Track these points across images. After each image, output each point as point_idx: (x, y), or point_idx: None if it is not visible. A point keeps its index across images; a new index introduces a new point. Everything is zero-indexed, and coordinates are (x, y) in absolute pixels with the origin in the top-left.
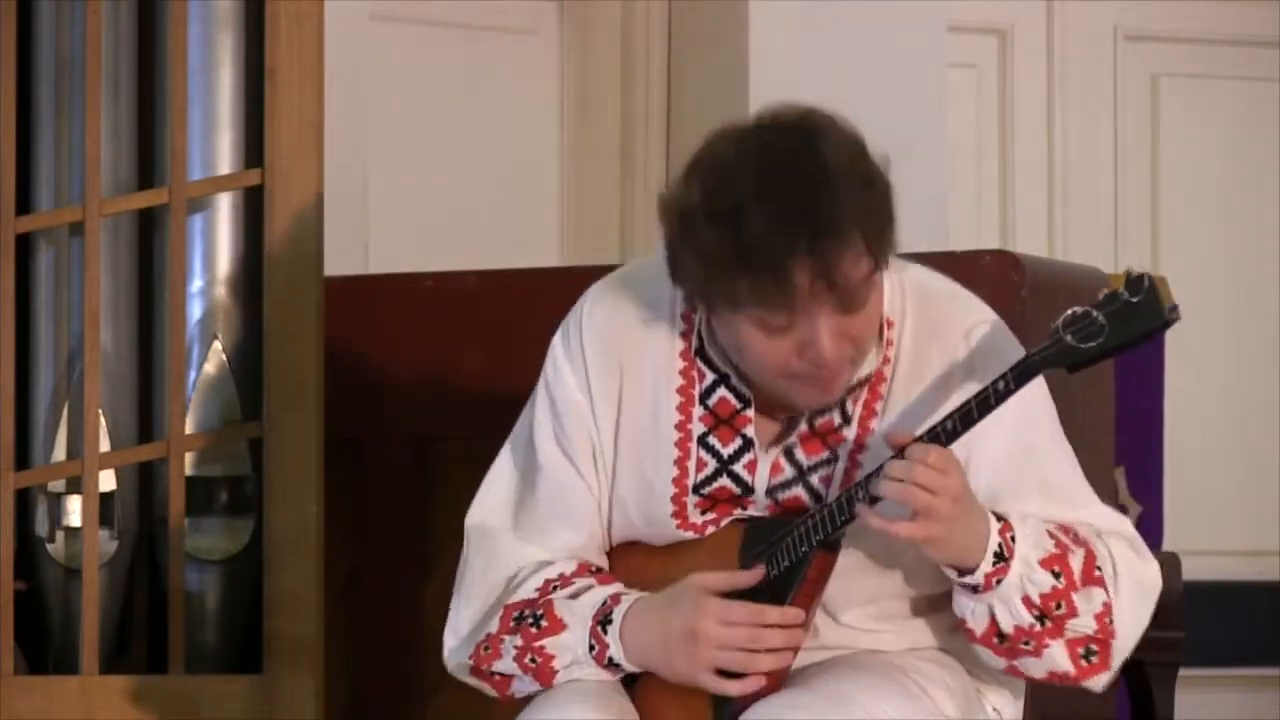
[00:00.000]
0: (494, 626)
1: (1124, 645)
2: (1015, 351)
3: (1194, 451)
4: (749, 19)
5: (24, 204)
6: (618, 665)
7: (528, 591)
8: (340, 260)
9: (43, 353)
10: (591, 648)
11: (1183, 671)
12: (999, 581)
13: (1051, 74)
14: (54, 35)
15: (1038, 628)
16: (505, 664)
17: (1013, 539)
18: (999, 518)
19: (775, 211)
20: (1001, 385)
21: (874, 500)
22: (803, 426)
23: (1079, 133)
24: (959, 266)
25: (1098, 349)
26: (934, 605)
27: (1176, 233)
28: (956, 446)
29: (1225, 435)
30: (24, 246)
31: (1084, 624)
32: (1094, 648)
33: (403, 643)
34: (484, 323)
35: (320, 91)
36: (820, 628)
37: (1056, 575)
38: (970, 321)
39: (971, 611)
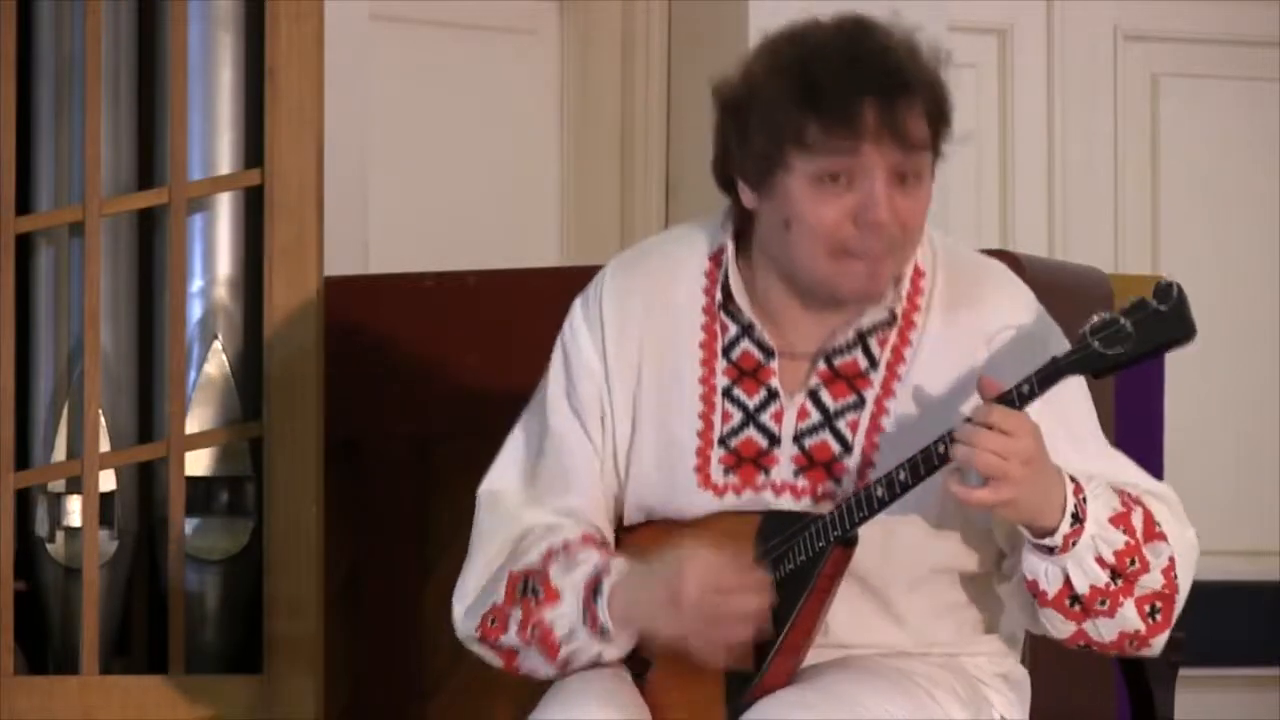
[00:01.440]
0: (500, 596)
1: (1181, 602)
2: (1049, 337)
3: (1194, 451)
4: (749, 19)
5: (24, 204)
6: (607, 631)
7: (531, 558)
8: (340, 260)
9: (43, 353)
10: (585, 616)
11: (1183, 671)
12: (1074, 543)
13: (1051, 74)
14: (54, 35)
15: (1113, 586)
16: (510, 637)
17: (1084, 500)
18: (1070, 478)
19: (845, 60)
20: (1026, 389)
21: (903, 488)
22: (822, 365)
23: (1079, 133)
24: None
25: (1124, 356)
26: (956, 603)
27: (1176, 233)
28: None
29: (1225, 435)
30: (24, 246)
31: (1153, 579)
32: (1158, 604)
33: (403, 643)
34: (484, 323)
35: (320, 91)
36: (857, 623)
37: (1124, 533)
38: (1008, 304)
39: (1045, 573)
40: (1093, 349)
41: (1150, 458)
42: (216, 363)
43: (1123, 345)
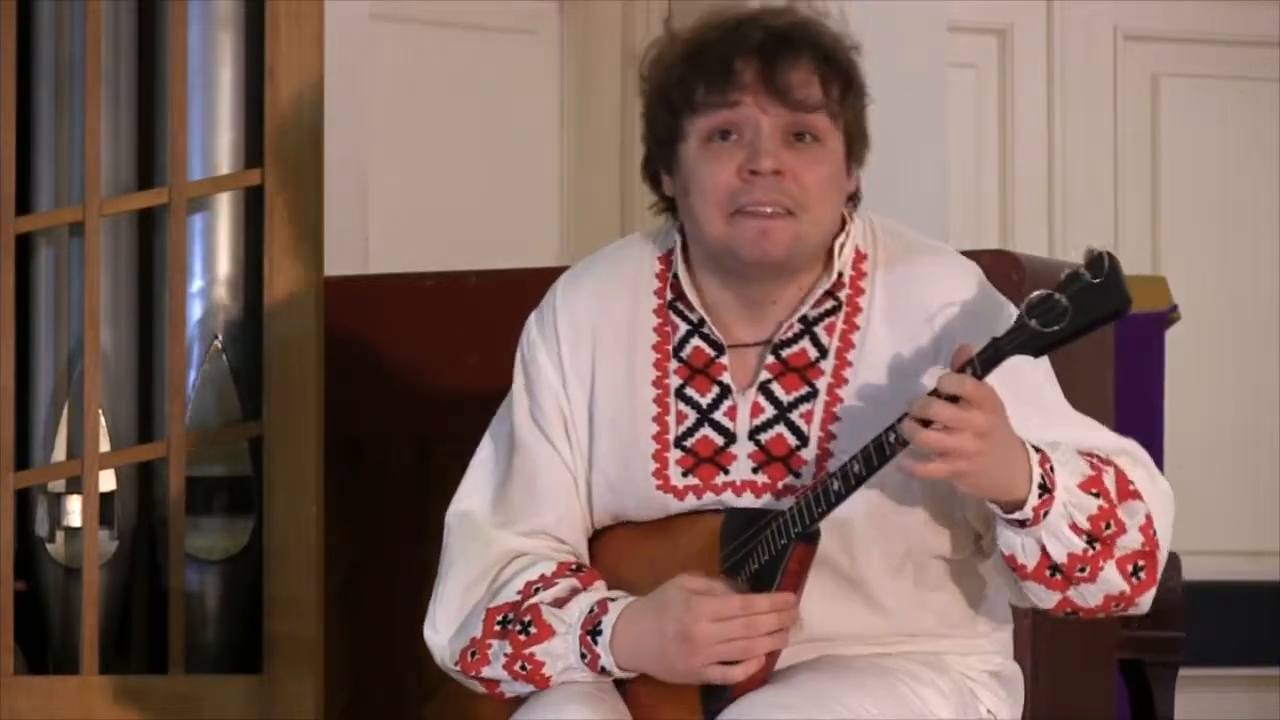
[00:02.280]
0: (477, 630)
1: (1163, 557)
2: (992, 312)
3: (1194, 451)
4: None
5: (24, 204)
6: (610, 672)
7: (509, 595)
8: (340, 260)
9: (43, 353)
10: (583, 656)
11: (1183, 671)
12: (1045, 514)
13: (1051, 74)
14: (54, 35)
15: (1090, 551)
16: (494, 670)
17: (1051, 469)
18: (1034, 449)
19: (730, 26)
20: (969, 372)
21: (859, 480)
22: (771, 358)
23: (1079, 133)
24: None
25: (1062, 332)
26: (936, 591)
27: (1176, 233)
28: None
29: (1225, 435)
30: (24, 246)
31: (1132, 539)
32: (1141, 563)
33: (403, 643)
34: (484, 323)
35: (320, 91)
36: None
37: (1097, 496)
38: (953, 281)
39: (1021, 547)
40: (1030, 328)
41: (1150, 456)
42: (216, 363)
43: (1060, 321)
